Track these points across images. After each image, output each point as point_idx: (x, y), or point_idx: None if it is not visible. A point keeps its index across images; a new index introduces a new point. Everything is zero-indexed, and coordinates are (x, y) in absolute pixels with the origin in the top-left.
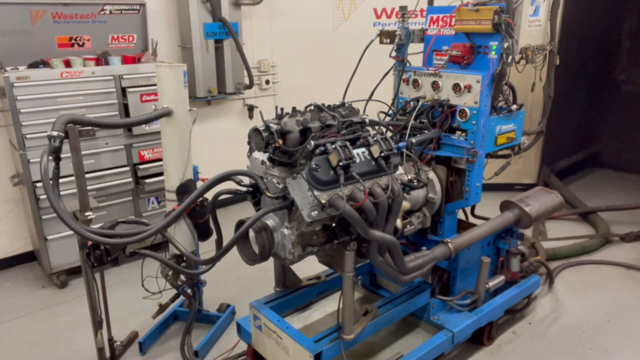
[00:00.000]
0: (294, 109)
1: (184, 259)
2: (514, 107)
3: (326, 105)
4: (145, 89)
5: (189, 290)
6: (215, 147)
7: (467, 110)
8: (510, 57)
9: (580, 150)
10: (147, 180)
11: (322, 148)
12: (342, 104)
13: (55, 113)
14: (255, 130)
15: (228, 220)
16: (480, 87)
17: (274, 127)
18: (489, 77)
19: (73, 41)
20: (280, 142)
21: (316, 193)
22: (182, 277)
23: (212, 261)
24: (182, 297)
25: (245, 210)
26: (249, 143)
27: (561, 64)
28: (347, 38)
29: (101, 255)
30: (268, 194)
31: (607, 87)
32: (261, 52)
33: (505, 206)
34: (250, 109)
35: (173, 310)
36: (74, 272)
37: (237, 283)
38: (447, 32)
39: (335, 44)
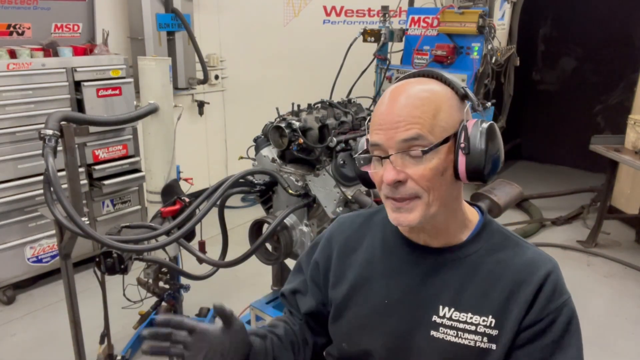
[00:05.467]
0: (309, 105)
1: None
2: (489, 103)
3: (333, 102)
4: (102, 83)
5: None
6: None
7: None
8: (494, 58)
9: (505, 144)
10: (106, 182)
11: (343, 145)
12: (349, 101)
13: (1, 109)
14: (275, 127)
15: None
16: (467, 85)
17: (296, 124)
18: (473, 76)
19: (12, 29)
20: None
21: (342, 189)
22: (162, 284)
23: (236, 263)
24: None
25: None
26: (255, 140)
27: None
28: (298, 35)
29: (113, 264)
30: (290, 191)
31: (526, 87)
32: (209, 46)
33: (477, 198)
34: (201, 104)
35: (150, 318)
36: (20, 286)
37: (207, 286)
38: (429, 33)
39: (285, 40)
